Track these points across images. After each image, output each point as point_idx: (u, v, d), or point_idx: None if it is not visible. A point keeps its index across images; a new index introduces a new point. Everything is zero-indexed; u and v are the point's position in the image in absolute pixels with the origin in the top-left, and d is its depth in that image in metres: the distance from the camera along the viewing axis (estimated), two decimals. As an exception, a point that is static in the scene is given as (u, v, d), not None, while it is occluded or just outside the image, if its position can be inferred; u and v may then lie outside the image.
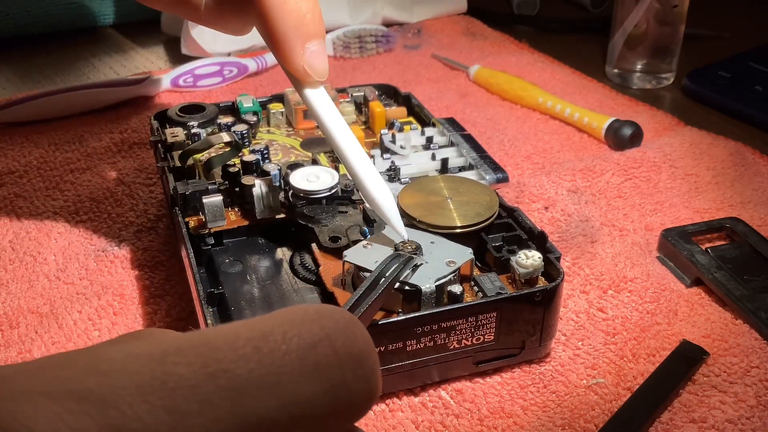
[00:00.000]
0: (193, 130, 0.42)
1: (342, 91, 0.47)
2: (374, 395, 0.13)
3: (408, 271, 0.29)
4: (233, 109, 0.46)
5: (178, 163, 0.38)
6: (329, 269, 0.32)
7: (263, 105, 0.46)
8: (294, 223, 0.35)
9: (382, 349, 0.29)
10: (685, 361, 0.32)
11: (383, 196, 0.30)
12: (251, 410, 0.12)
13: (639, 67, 0.60)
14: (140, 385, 0.11)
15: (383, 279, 0.28)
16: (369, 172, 0.30)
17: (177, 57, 0.63)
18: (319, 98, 0.30)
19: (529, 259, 0.31)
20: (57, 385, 0.11)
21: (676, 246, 0.38)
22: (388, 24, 0.69)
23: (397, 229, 0.30)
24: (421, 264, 0.30)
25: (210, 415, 0.11)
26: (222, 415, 0.11)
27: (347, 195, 0.36)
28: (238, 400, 0.12)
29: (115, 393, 0.11)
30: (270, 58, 0.61)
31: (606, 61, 0.62)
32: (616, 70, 0.61)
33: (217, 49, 0.61)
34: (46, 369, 0.11)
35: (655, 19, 0.57)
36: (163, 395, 0.11)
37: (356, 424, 0.14)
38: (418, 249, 0.31)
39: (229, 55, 0.62)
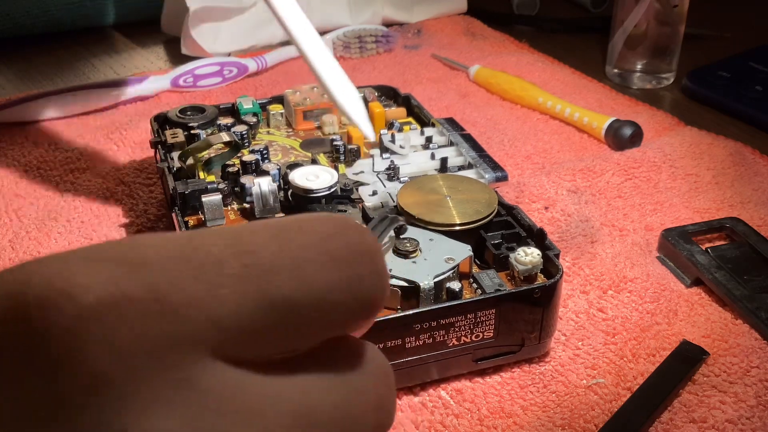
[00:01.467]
0: (193, 132, 0.42)
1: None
2: (385, 292, 0.14)
3: (392, 230, 0.29)
4: (233, 111, 0.46)
5: (178, 164, 0.38)
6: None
7: (263, 106, 0.46)
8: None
9: (381, 346, 0.29)
10: (685, 361, 0.32)
11: (349, 98, 0.29)
12: (276, 288, 0.12)
13: (639, 67, 0.60)
14: (171, 257, 0.12)
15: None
16: (335, 74, 0.29)
17: (177, 57, 0.63)
18: (287, 6, 0.30)
19: (528, 256, 0.31)
20: (95, 253, 0.12)
21: (676, 246, 0.38)
22: (388, 24, 0.69)
23: (364, 130, 0.30)
24: (403, 226, 0.30)
25: (238, 288, 0.12)
26: (249, 288, 0.12)
27: (346, 194, 0.36)
28: (263, 277, 0.12)
29: (150, 260, 0.12)
30: (270, 58, 0.61)
31: (606, 61, 0.62)
32: (616, 70, 0.61)
33: (217, 49, 0.61)
34: (94, 246, 0.12)
35: (655, 19, 0.57)
36: (193, 265, 0.12)
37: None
38: (417, 246, 0.31)
39: (229, 55, 0.62)
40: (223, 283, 0.12)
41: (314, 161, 0.40)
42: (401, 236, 0.31)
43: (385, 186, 0.38)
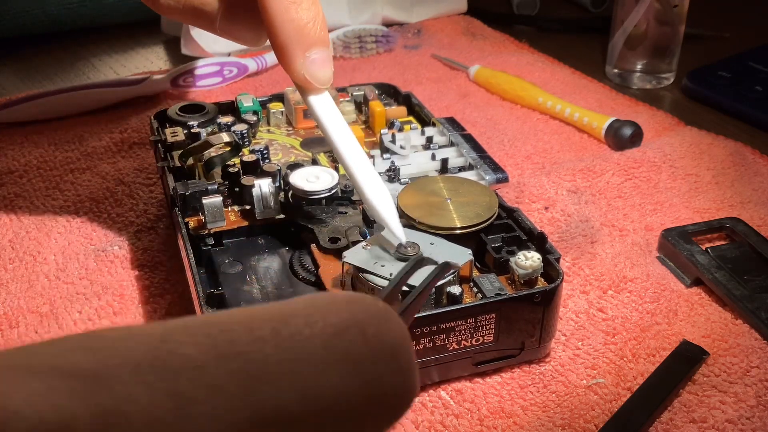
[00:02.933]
0: (193, 130, 0.42)
1: (342, 90, 0.47)
2: (412, 393, 0.12)
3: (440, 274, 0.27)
4: (233, 109, 0.46)
5: (177, 163, 0.38)
6: (329, 270, 0.32)
7: (263, 104, 0.46)
8: (294, 223, 0.35)
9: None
10: (685, 361, 0.32)
11: (381, 200, 0.30)
12: (267, 400, 0.10)
13: (639, 67, 0.60)
14: (137, 364, 0.10)
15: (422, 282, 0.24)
16: (368, 175, 0.30)
17: (177, 57, 0.63)
18: (321, 103, 0.31)
19: (528, 260, 0.31)
20: (42, 359, 0.10)
21: (676, 246, 0.38)
22: (388, 24, 0.69)
23: (396, 232, 0.30)
24: (456, 272, 0.30)
25: (219, 403, 0.10)
26: (233, 403, 0.10)
27: (347, 195, 0.36)
28: (252, 387, 0.10)
29: (108, 370, 0.09)
30: (270, 58, 0.61)
31: (606, 61, 0.62)
32: (616, 70, 0.61)
33: (217, 49, 0.61)
34: (34, 346, 0.10)
35: (655, 19, 0.57)
36: (164, 376, 0.10)
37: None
38: (417, 250, 0.31)
39: (229, 55, 0.62)
40: (199, 396, 0.10)
41: (315, 161, 0.40)
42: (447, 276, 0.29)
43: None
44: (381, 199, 0.30)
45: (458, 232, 0.33)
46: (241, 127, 0.42)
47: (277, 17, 0.28)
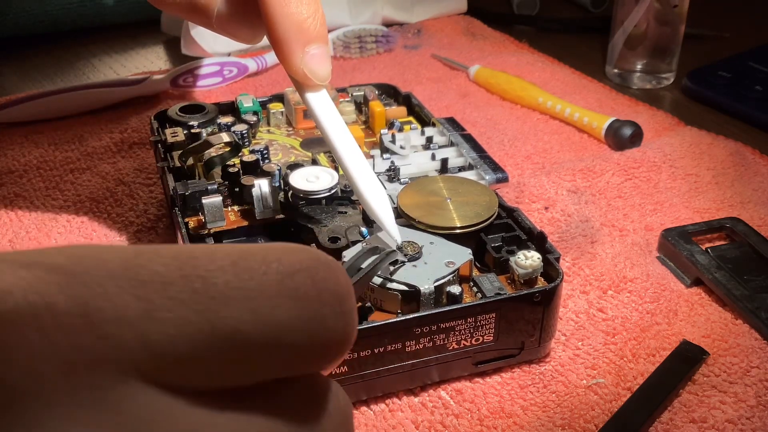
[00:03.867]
0: (193, 130, 0.42)
1: (342, 90, 0.47)
2: (350, 338, 0.13)
3: (386, 265, 0.29)
4: (233, 109, 0.46)
5: (177, 163, 0.38)
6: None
7: (263, 105, 0.46)
8: (294, 223, 0.35)
9: (381, 349, 0.29)
10: (685, 361, 0.32)
11: (378, 200, 0.30)
12: (224, 319, 0.11)
13: (639, 67, 0.60)
14: (113, 270, 0.11)
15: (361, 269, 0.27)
16: (365, 175, 0.30)
17: (177, 57, 0.63)
18: (320, 101, 0.31)
19: (528, 259, 0.31)
20: (30, 257, 0.11)
21: (676, 246, 0.38)
22: (388, 24, 0.69)
23: (391, 233, 0.30)
24: (401, 262, 0.30)
25: (181, 314, 0.11)
26: (193, 317, 0.11)
27: (347, 195, 0.36)
28: (212, 306, 0.11)
29: (86, 271, 0.11)
30: (270, 58, 0.61)
31: (606, 61, 0.62)
32: (616, 70, 0.61)
33: (217, 49, 0.61)
34: (23, 251, 0.11)
35: (655, 19, 0.57)
36: (134, 284, 0.11)
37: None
38: (418, 252, 0.31)
39: (229, 55, 0.62)
40: (164, 305, 0.11)
41: (314, 161, 0.40)
42: (400, 261, 0.30)
43: (385, 187, 0.38)
44: (377, 199, 0.30)
45: (458, 231, 0.33)
46: (241, 128, 0.42)
47: (276, 12, 0.28)
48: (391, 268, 0.30)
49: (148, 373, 0.11)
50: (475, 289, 0.31)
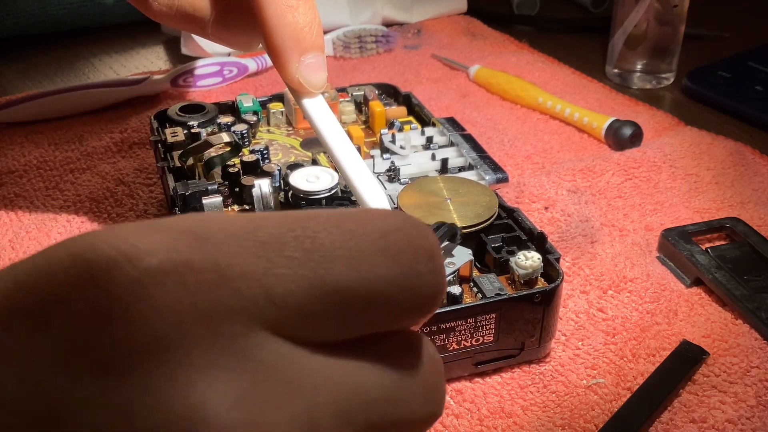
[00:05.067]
0: (193, 130, 0.42)
1: (342, 90, 0.47)
2: (442, 292, 0.14)
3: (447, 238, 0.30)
4: (233, 109, 0.46)
5: (177, 163, 0.38)
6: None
7: (263, 104, 0.46)
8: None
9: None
10: (685, 361, 0.32)
11: (377, 202, 0.30)
12: (333, 276, 0.13)
13: (639, 67, 0.60)
14: (233, 233, 0.12)
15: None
16: (363, 177, 0.30)
17: (177, 57, 0.63)
18: (316, 107, 0.31)
19: (528, 260, 0.31)
20: (162, 224, 0.12)
21: (676, 246, 0.38)
22: (388, 24, 0.69)
23: None
24: (458, 234, 0.30)
25: (296, 270, 0.12)
26: (306, 273, 0.12)
27: (347, 195, 0.36)
28: (322, 263, 0.12)
29: (213, 234, 0.12)
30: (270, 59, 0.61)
31: (606, 61, 0.62)
32: (616, 70, 0.61)
33: (217, 49, 0.61)
34: (156, 219, 0.13)
35: (655, 19, 0.57)
36: (254, 244, 0.12)
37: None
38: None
39: (229, 55, 0.62)
40: (282, 263, 0.12)
41: (314, 161, 0.40)
42: (456, 243, 0.31)
43: (385, 187, 0.38)
44: (377, 201, 0.30)
45: (458, 232, 0.33)
46: (241, 127, 0.42)
47: (273, 21, 0.28)
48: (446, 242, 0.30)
49: (273, 325, 0.12)
50: (475, 289, 0.31)
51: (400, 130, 0.44)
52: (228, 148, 0.39)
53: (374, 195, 0.30)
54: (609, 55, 0.61)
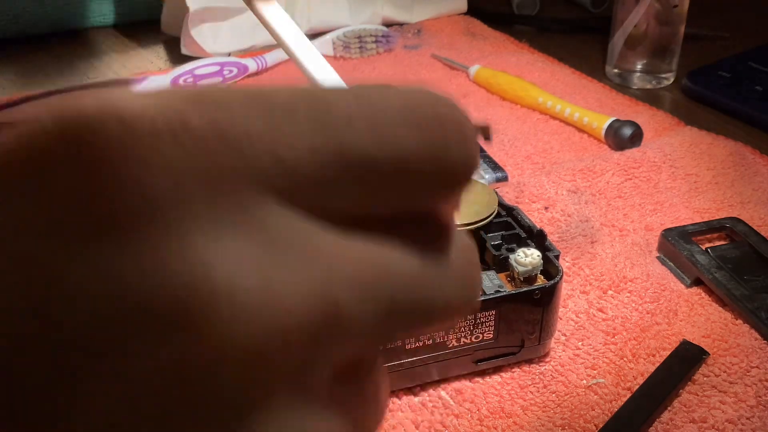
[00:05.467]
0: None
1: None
2: (473, 163, 0.13)
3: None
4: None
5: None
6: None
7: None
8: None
9: (380, 347, 0.29)
10: (685, 361, 0.32)
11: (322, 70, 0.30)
12: (351, 141, 0.12)
13: (639, 67, 0.60)
14: (237, 99, 0.11)
15: None
16: (314, 60, 0.30)
17: (177, 57, 0.63)
18: (272, 12, 0.31)
19: (528, 257, 0.31)
20: (164, 90, 0.11)
21: (676, 246, 0.38)
22: (388, 24, 0.69)
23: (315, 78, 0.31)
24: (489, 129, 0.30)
25: (309, 135, 0.11)
26: (320, 139, 0.11)
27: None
28: (339, 128, 0.12)
29: (213, 97, 0.11)
30: (270, 58, 0.61)
31: (606, 61, 0.62)
32: (616, 70, 0.61)
33: (217, 49, 0.61)
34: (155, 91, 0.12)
35: (655, 19, 0.57)
36: (261, 109, 0.11)
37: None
38: None
39: (229, 55, 0.62)
40: (293, 129, 0.11)
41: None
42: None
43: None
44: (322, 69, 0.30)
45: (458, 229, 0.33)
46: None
47: None
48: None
49: (284, 193, 0.11)
50: (474, 288, 0.31)
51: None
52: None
53: (319, 67, 0.30)
54: (609, 54, 0.61)
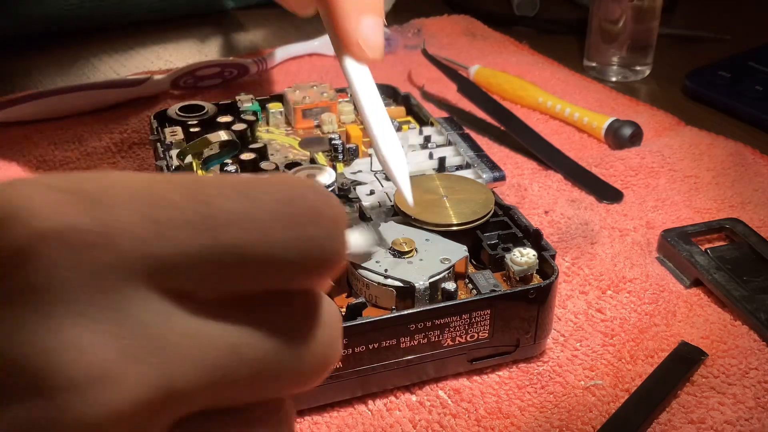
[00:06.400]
0: (192, 130, 0.42)
1: (341, 90, 0.47)
2: (337, 256, 0.14)
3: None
4: (232, 109, 0.45)
5: (176, 162, 0.38)
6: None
7: (262, 104, 0.46)
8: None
9: (376, 345, 0.29)
10: (684, 362, 0.32)
11: (398, 162, 0.30)
12: (228, 238, 0.13)
13: (615, 60, 0.60)
14: (128, 195, 0.13)
15: None
16: (390, 140, 0.30)
17: (177, 57, 0.63)
18: (361, 74, 0.31)
19: (523, 256, 0.31)
20: (58, 181, 0.13)
21: (676, 246, 0.38)
22: (388, 24, 0.69)
23: (404, 193, 0.30)
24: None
25: (190, 233, 0.13)
26: (201, 236, 0.13)
27: (344, 194, 0.36)
28: (217, 227, 0.13)
29: (108, 195, 0.13)
30: (270, 60, 0.61)
31: (583, 55, 0.62)
32: (593, 63, 0.61)
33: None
34: (58, 175, 0.13)
35: (631, 15, 0.58)
36: (150, 207, 0.13)
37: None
38: (412, 246, 0.31)
39: (229, 56, 0.62)
40: (171, 223, 0.13)
41: (312, 160, 0.40)
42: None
43: (382, 185, 0.38)
44: (396, 157, 0.30)
45: (454, 228, 0.33)
46: (240, 127, 0.42)
47: None
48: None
49: (154, 282, 0.13)
50: (470, 285, 0.31)
51: (399, 129, 0.43)
52: (227, 147, 0.39)
53: (396, 156, 0.30)
54: (585, 48, 0.62)
